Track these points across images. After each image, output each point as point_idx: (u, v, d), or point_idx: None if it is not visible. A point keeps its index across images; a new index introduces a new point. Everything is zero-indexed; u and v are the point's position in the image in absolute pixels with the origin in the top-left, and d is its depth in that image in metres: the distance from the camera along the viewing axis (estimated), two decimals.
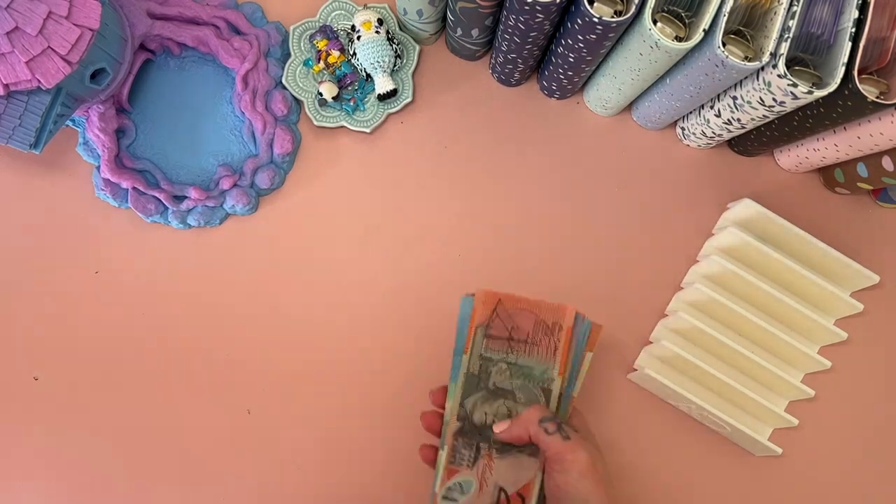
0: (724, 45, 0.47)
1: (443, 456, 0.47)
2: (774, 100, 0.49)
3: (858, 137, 0.53)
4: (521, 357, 0.50)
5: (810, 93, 0.47)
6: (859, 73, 0.47)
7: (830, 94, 0.47)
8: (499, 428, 0.47)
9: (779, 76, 0.47)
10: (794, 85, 0.46)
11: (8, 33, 0.47)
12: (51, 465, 0.58)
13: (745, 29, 0.50)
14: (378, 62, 0.59)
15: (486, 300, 0.50)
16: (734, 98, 0.53)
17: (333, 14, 0.62)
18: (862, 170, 0.57)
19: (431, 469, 0.49)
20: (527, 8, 0.48)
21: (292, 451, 0.59)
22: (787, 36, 0.47)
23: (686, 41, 0.48)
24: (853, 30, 0.47)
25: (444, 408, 0.49)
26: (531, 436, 0.45)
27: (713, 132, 0.59)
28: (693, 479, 0.60)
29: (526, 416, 0.46)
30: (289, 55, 0.61)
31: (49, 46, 0.49)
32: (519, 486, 0.47)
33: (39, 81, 0.49)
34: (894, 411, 0.61)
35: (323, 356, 0.60)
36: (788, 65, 0.48)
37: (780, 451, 0.57)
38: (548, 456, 0.45)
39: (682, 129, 0.63)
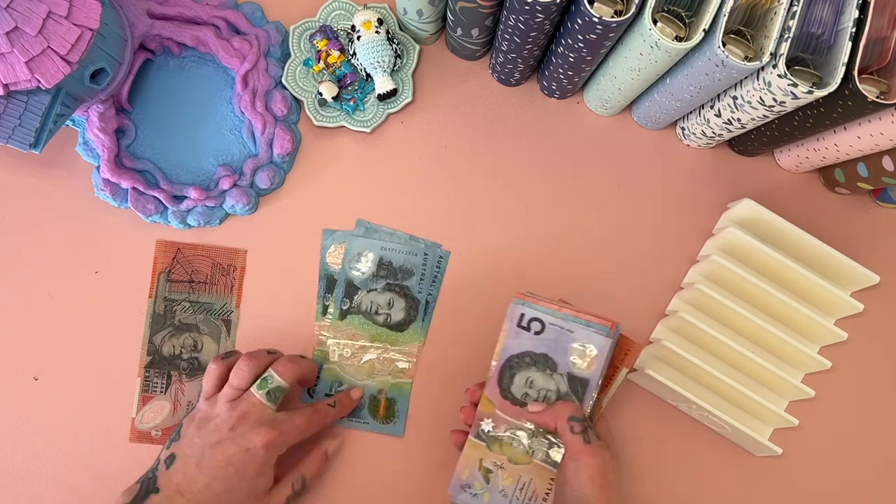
0: (724, 44, 0.47)
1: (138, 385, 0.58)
2: (774, 100, 0.49)
3: (858, 137, 0.53)
4: (202, 295, 0.57)
5: (810, 93, 0.47)
6: (859, 72, 0.47)
7: (830, 94, 0.47)
8: (534, 408, 0.51)
9: (779, 76, 0.47)
10: (795, 85, 0.46)
11: (8, 33, 0.47)
12: (51, 464, 0.58)
13: (745, 29, 0.50)
14: (378, 62, 0.59)
15: (165, 249, 0.59)
16: (734, 98, 0.53)
17: (333, 14, 0.62)
18: (862, 170, 0.57)
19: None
20: (527, 8, 0.48)
21: None
22: (787, 36, 0.47)
23: (686, 41, 0.48)
24: (853, 30, 0.47)
25: (478, 403, 0.52)
26: (558, 428, 0.49)
27: (713, 132, 0.59)
28: (693, 479, 0.60)
29: (559, 408, 0.49)
30: (289, 55, 0.61)
31: (49, 46, 0.49)
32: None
33: (39, 81, 0.49)
34: (894, 411, 0.61)
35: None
36: (788, 65, 0.48)
37: (780, 451, 0.57)
38: (566, 452, 0.48)
39: (682, 128, 0.63)
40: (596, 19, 0.46)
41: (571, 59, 0.54)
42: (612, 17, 0.48)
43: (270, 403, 0.51)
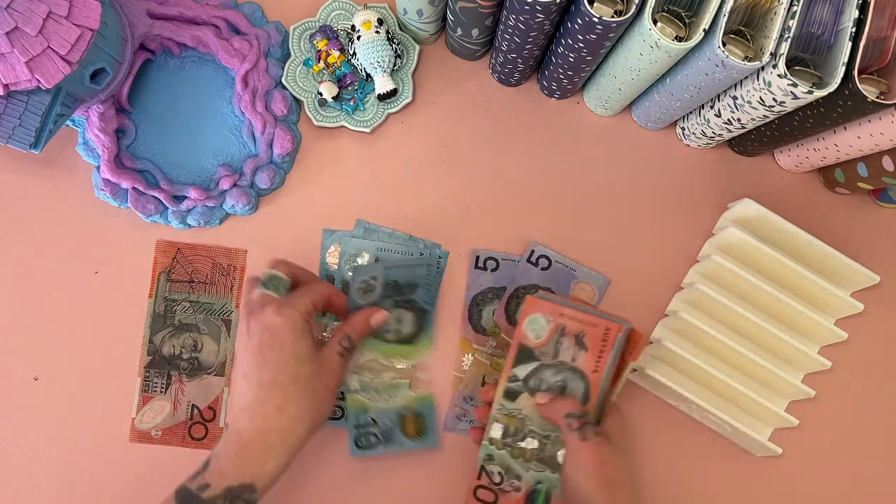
0: (724, 44, 0.47)
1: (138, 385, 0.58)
2: (774, 100, 0.49)
3: (858, 137, 0.53)
4: (202, 295, 0.57)
5: (810, 93, 0.47)
6: (859, 72, 0.47)
7: (830, 94, 0.47)
8: (541, 399, 0.52)
9: (779, 76, 0.47)
10: (795, 85, 0.46)
11: (8, 33, 0.47)
12: (51, 464, 0.58)
13: (745, 29, 0.50)
14: (378, 62, 0.59)
15: (165, 249, 0.59)
16: (734, 98, 0.53)
17: (333, 14, 0.62)
18: (862, 170, 0.57)
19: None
20: (527, 8, 0.48)
21: None
22: (787, 36, 0.47)
23: (686, 41, 0.48)
24: (853, 30, 0.47)
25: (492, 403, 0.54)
26: (558, 423, 0.50)
27: (713, 132, 0.59)
28: (693, 479, 0.60)
29: (559, 404, 0.50)
30: (289, 55, 0.61)
31: (49, 46, 0.49)
32: (209, 401, 0.59)
33: (39, 81, 0.49)
34: (894, 411, 0.61)
35: None
36: (788, 65, 0.48)
37: (780, 451, 0.57)
38: (567, 448, 0.49)
39: (682, 129, 0.63)
40: (596, 19, 0.46)
41: (571, 59, 0.54)
42: (612, 17, 0.47)
43: (270, 291, 0.51)
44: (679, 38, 0.49)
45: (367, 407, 0.58)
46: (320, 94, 0.60)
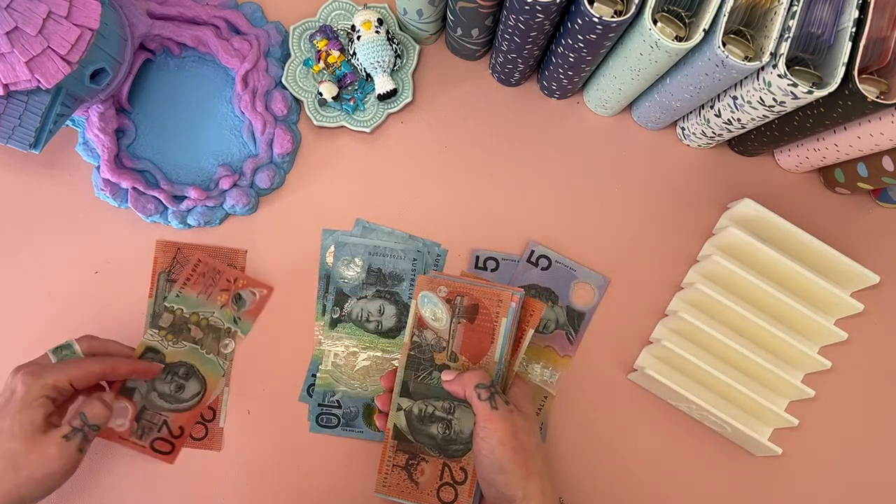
0: (724, 44, 0.47)
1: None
2: (774, 100, 0.49)
3: (858, 137, 0.53)
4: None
5: (810, 93, 0.47)
6: (859, 72, 0.47)
7: (830, 94, 0.47)
8: (446, 377, 0.51)
9: (779, 76, 0.47)
10: (795, 85, 0.46)
11: (8, 33, 0.47)
12: None
13: (745, 29, 0.50)
14: (378, 62, 0.59)
15: (165, 249, 0.59)
16: (734, 98, 0.53)
17: (333, 14, 0.62)
18: (862, 170, 0.57)
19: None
20: (527, 8, 0.48)
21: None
22: (787, 36, 0.47)
23: (686, 41, 0.48)
24: (853, 30, 0.47)
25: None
26: (466, 395, 0.49)
27: (713, 132, 0.59)
28: (693, 479, 0.60)
29: (467, 377, 0.49)
30: (289, 55, 0.61)
31: (49, 46, 0.49)
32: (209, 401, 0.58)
33: (39, 81, 0.49)
34: (894, 411, 0.61)
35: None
36: (788, 65, 0.48)
37: (780, 451, 0.57)
38: (476, 419, 0.48)
39: (682, 129, 0.63)
40: (596, 19, 0.46)
41: (571, 59, 0.54)
42: (612, 17, 0.48)
43: (52, 356, 0.50)
44: (679, 38, 0.49)
45: (334, 388, 0.59)
46: (320, 94, 0.60)
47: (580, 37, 0.50)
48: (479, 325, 0.52)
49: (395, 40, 0.60)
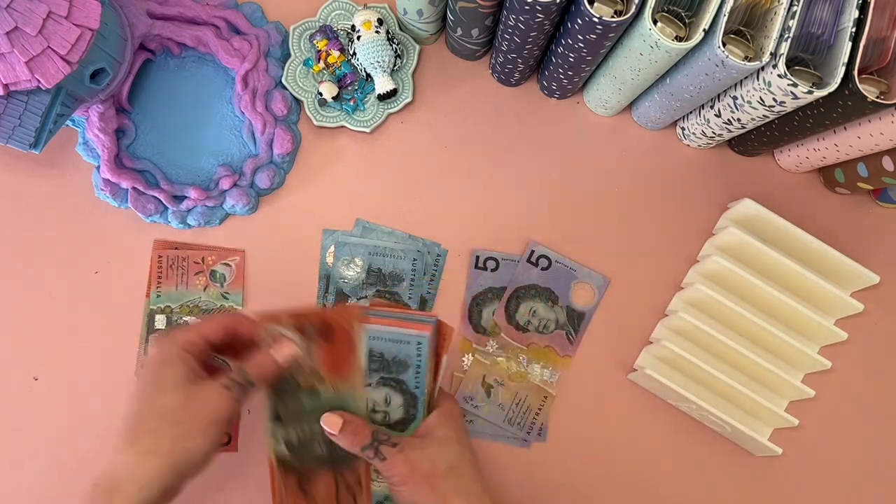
0: (724, 44, 0.47)
1: None
2: (774, 100, 0.49)
3: (858, 137, 0.53)
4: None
5: (810, 93, 0.47)
6: (859, 73, 0.47)
7: (830, 94, 0.47)
8: (329, 429, 0.48)
9: (779, 76, 0.47)
10: (795, 85, 0.46)
11: (8, 33, 0.47)
12: (51, 464, 0.58)
13: (745, 29, 0.50)
14: (378, 62, 0.59)
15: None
16: (734, 98, 0.53)
17: (333, 14, 0.62)
18: (862, 170, 0.57)
19: None
20: (527, 8, 0.48)
21: None
22: (787, 36, 0.47)
23: (686, 41, 0.48)
24: (853, 30, 0.47)
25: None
26: (358, 455, 0.48)
27: (713, 132, 0.59)
28: (693, 479, 0.60)
29: (348, 441, 0.48)
30: (289, 55, 0.61)
31: (49, 46, 0.49)
32: None
33: (39, 81, 0.49)
34: (894, 411, 0.61)
35: None
36: (788, 65, 0.48)
37: (780, 451, 0.57)
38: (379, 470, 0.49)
39: (682, 129, 0.63)
40: (596, 19, 0.46)
41: (571, 59, 0.54)
42: (612, 17, 0.48)
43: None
44: (679, 38, 0.49)
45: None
46: (320, 94, 0.60)
47: (580, 37, 0.50)
48: (337, 342, 0.50)
49: (395, 40, 0.60)
